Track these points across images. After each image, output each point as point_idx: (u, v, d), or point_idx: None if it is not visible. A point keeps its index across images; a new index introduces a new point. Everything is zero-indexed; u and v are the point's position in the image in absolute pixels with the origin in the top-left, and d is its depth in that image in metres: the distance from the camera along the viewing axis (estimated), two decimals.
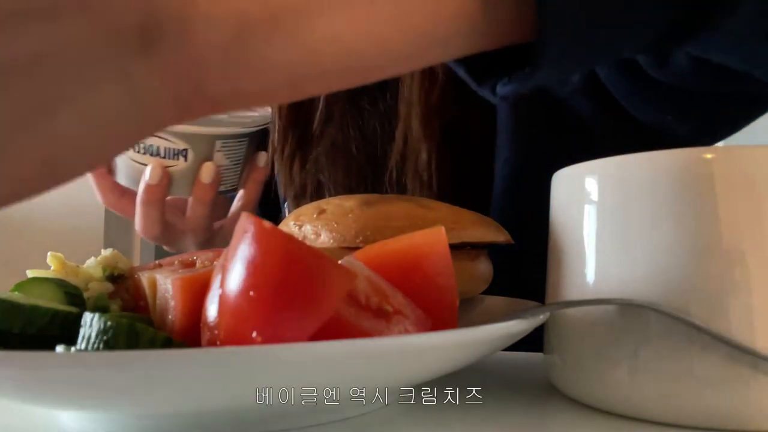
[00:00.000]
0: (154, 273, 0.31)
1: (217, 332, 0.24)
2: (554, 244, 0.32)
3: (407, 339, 0.23)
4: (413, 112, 0.54)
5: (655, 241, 0.26)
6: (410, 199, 0.37)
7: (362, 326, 0.25)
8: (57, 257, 0.34)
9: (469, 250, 0.38)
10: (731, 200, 0.25)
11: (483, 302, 0.41)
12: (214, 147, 0.52)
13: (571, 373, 0.30)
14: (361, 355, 0.22)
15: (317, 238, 0.35)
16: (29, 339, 0.28)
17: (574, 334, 0.30)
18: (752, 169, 0.26)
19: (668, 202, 0.26)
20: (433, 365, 0.26)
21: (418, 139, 0.54)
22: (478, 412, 0.29)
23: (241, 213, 0.25)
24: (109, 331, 0.24)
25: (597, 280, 0.28)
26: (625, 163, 0.28)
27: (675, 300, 0.26)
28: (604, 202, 0.28)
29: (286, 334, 0.22)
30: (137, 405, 0.24)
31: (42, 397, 0.24)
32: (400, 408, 0.29)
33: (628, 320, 0.27)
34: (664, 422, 0.26)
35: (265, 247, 0.23)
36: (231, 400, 0.23)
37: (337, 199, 0.38)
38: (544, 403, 0.31)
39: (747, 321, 0.25)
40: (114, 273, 0.35)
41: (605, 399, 0.28)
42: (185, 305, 0.27)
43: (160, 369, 0.20)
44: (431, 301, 0.28)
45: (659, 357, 0.26)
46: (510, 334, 0.26)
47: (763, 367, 0.24)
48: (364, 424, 0.27)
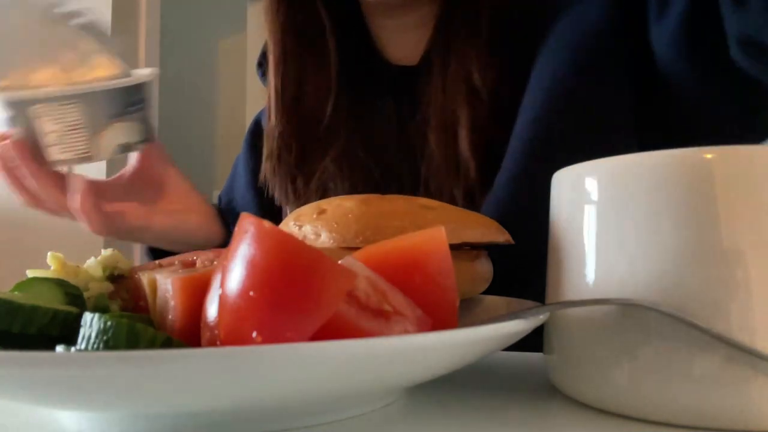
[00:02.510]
0: (154, 273, 0.31)
1: (217, 332, 0.24)
2: (554, 244, 0.32)
3: (407, 339, 0.23)
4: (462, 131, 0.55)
5: (655, 241, 0.26)
6: (410, 199, 0.37)
7: (362, 326, 0.25)
8: (57, 257, 0.34)
9: (469, 250, 0.38)
10: (731, 200, 0.25)
11: (483, 302, 0.41)
12: (33, 111, 0.50)
13: (571, 373, 0.30)
14: (361, 355, 0.22)
15: (317, 238, 0.35)
16: (29, 339, 0.28)
17: (574, 334, 0.30)
18: (752, 169, 0.26)
19: (668, 202, 0.26)
20: (433, 365, 0.26)
21: (467, 157, 0.54)
22: (478, 412, 0.29)
23: (241, 213, 0.25)
24: (109, 331, 0.24)
25: (597, 280, 0.28)
26: (625, 163, 0.28)
27: (675, 300, 0.26)
28: (604, 202, 0.28)
29: (286, 334, 0.22)
30: (137, 405, 0.24)
31: (42, 397, 0.24)
32: (400, 408, 0.29)
33: (628, 320, 0.27)
34: (664, 422, 0.26)
35: (265, 247, 0.23)
36: (231, 400, 0.23)
37: (337, 199, 0.38)
38: (544, 403, 0.31)
39: (747, 321, 0.25)
40: (114, 273, 0.35)
41: (605, 399, 0.28)
42: (185, 305, 0.27)
43: (160, 369, 0.20)
44: (431, 301, 0.28)
45: (659, 357, 0.26)
46: (510, 334, 0.26)
47: (763, 367, 0.24)
48: (364, 424, 0.27)
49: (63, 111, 0.50)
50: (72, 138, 0.51)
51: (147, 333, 0.25)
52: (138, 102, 0.55)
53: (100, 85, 0.51)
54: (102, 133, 0.53)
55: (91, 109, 0.51)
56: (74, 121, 0.50)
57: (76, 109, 0.50)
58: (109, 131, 0.53)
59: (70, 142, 0.51)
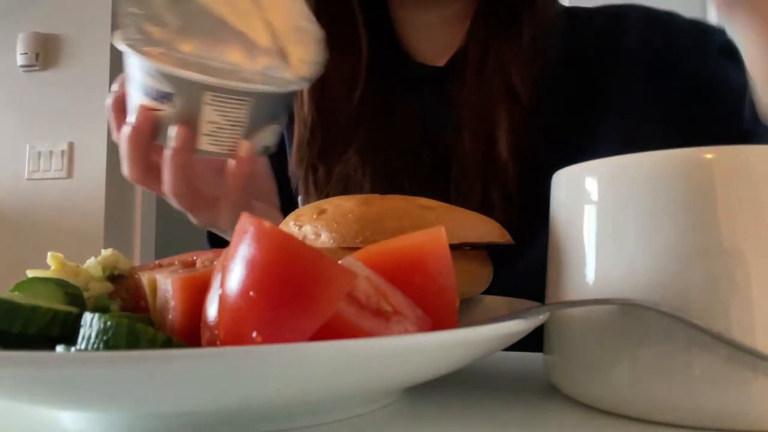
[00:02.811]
0: (154, 273, 0.31)
1: (217, 332, 0.24)
2: (554, 244, 0.32)
3: (407, 339, 0.23)
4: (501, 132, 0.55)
5: (655, 241, 0.26)
6: (410, 199, 0.37)
7: (362, 326, 0.25)
8: (57, 257, 0.34)
9: (469, 250, 0.38)
10: (731, 200, 0.25)
11: (483, 302, 0.41)
12: (201, 97, 0.45)
13: (571, 373, 0.30)
14: (361, 355, 0.22)
15: (317, 238, 0.35)
16: (29, 339, 0.28)
17: (574, 334, 0.30)
18: (752, 169, 0.26)
19: (668, 202, 0.26)
20: (433, 365, 0.26)
21: (505, 159, 0.55)
22: (478, 412, 0.29)
23: (241, 214, 0.25)
24: (109, 331, 0.24)
25: (597, 280, 0.28)
26: (625, 163, 0.28)
27: (675, 300, 0.26)
28: (604, 202, 0.28)
29: (286, 334, 0.22)
30: (137, 405, 0.24)
31: (42, 397, 0.24)
32: (400, 408, 0.29)
33: (628, 320, 0.27)
34: (664, 422, 0.26)
35: (265, 247, 0.23)
36: (231, 400, 0.23)
37: (337, 199, 0.38)
38: (544, 403, 0.31)
39: (747, 321, 0.25)
40: (114, 273, 0.35)
41: (605, 399, 0.28)
42: (185, 305, 0.27)
43: (160, 369, 0.20)
44: (431, 301, 0.28)
45: (659, 357, 0.26)
46: (510, 334, 0.26)
47: (763, 367, 0.24)
48: (364, 424, 0.27)
49: (231, 106, 0.46)
50: (228, 133, 0.47)
51: (147, 333, 0.25)
52: (290, 107, 0.52)
53: (275, 89, 0.47)
54: (255, 133, 0.49)
55: (258, 109, 0.48)
56: (237, 118, 0.47)
57: (244, 108, 0.47)
58: (261, 133, 0.49)
59: (225, 136, 0.48)
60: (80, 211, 2.18)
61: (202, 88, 0.44)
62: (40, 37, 2.25)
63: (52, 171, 2.22)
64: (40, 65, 2.25)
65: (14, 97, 2.28)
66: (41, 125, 2.24)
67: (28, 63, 2.24)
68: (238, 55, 0.47)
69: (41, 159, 2.23)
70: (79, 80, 2.22)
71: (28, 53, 2.23)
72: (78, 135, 2.21)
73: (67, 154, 2.21)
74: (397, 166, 0.60)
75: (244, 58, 0.47)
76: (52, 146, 2.22)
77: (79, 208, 2.18)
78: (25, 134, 2.25)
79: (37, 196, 2.22)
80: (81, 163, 2.20)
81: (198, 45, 0.46)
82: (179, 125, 0.46)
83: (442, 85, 0.61)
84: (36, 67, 2.26)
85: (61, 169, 2.21)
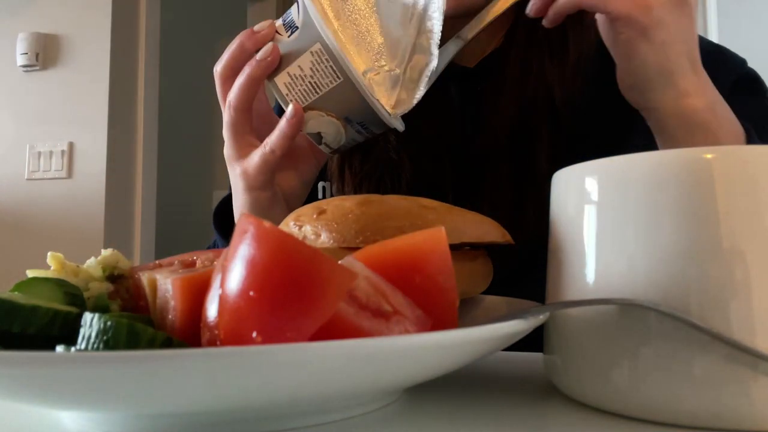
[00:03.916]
0: (154, 273, 0.31)
1: (217, 332, 0.24)
2: (554, 244, 0.32)
3: (407, 339, 0.23)
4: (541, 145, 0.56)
5: (655, 241, 0.26)
6: (410, 199, 0.37)
7: (362, 326, 0.25)
8: (57, 257, 0.34)
9: (469, 250, 0.38)
10: (731, 200, 0.25)
11: (483, 302, 0.41)
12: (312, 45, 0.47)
13: (571, 373, 0.30)
14: (361, 355, 0.22)
15: (317, 238, 0.35)
16: (29, 339, 0.28)
17: (574, 334, 0.30)
18: (752, 169, 0.26)
19: (668, 202, 0.26)
20: (433, 365, 0.26)
21: (545, 172, 0.54)
22: (478, 412, 0.29)
23: (241, 213, 0.25)
24: (109, 331, 0.24)
25: (597, 280, 0.28)
26: (625, 163, 0.28)
27: (675, 300, 0.26)
28: (604, 202, 0.28)
29: (286, 334, 0.22)
30: (137, 405, 0.24)
31: (42, 397, 0.24)
32: (400, 408, 0.29)
33: (628, 320, 0.27)
34: (664, 422, 0.26)
35: (265, 247, 0.23)
36: (231, 400, 0.23)
37: (337, 199, 0.38)
38: (544, 403, 0.31)
39: (747, 321, 0.25)
40: (114, 273, 0.35)
41: (605, 399, 0.28)
42: (185, 305, 0.27)
43: (160, 369, 0.20)
44: (431, 301, 0.28)
45: (659, 357, 0.26)
46: (510, 334, 0.26)
47: (763, 367, 0.24)
48: (364, 424, 0.27)
49: (324, 70, 0.48)
50: (301, 88, 0.49)
51: (147, 333, 0.25)
52: (369, 133, 0.52)
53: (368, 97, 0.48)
54: (322, 111, 0.50)
55: (339, 94, 0.49)
56: (319, 82, 0.48)
57: (331, 78, 0.48)
58: (326, 117, 0.50)
59: (297, 89, 0.49)
60: (80, 211, 2.18)
61: (319, 38, 0.47)
62: (40, 37, 2.25)
63: (52, 171, 2.22)
64: (40, 65, 2.25)
65: (14, 97, 2.28)
66: (41, 125, 2.24)
67: (28, 63, 2.24)
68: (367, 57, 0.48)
69: (41, 159, 2.23)
70: (79, 80, 2.22)
71: (28, 53, 2.23)
72: (78, 135, 2.21)
73: (67, 154, 2.21)
74: (436, 152, 0.60)
75: (370, 61, 0.48)
76: (52, 146, 2.22)
77: (79, 208, 2.18)
78: (24, 134, 2.25)
79: (37, 196, 2.22)
80: (81, 163, 2.20)
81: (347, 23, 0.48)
82: (278, 50, 0.48)
83: (471, 86, 0.61)
84: (36, 67, 2.26)
85: (61, 169, 2.21)
